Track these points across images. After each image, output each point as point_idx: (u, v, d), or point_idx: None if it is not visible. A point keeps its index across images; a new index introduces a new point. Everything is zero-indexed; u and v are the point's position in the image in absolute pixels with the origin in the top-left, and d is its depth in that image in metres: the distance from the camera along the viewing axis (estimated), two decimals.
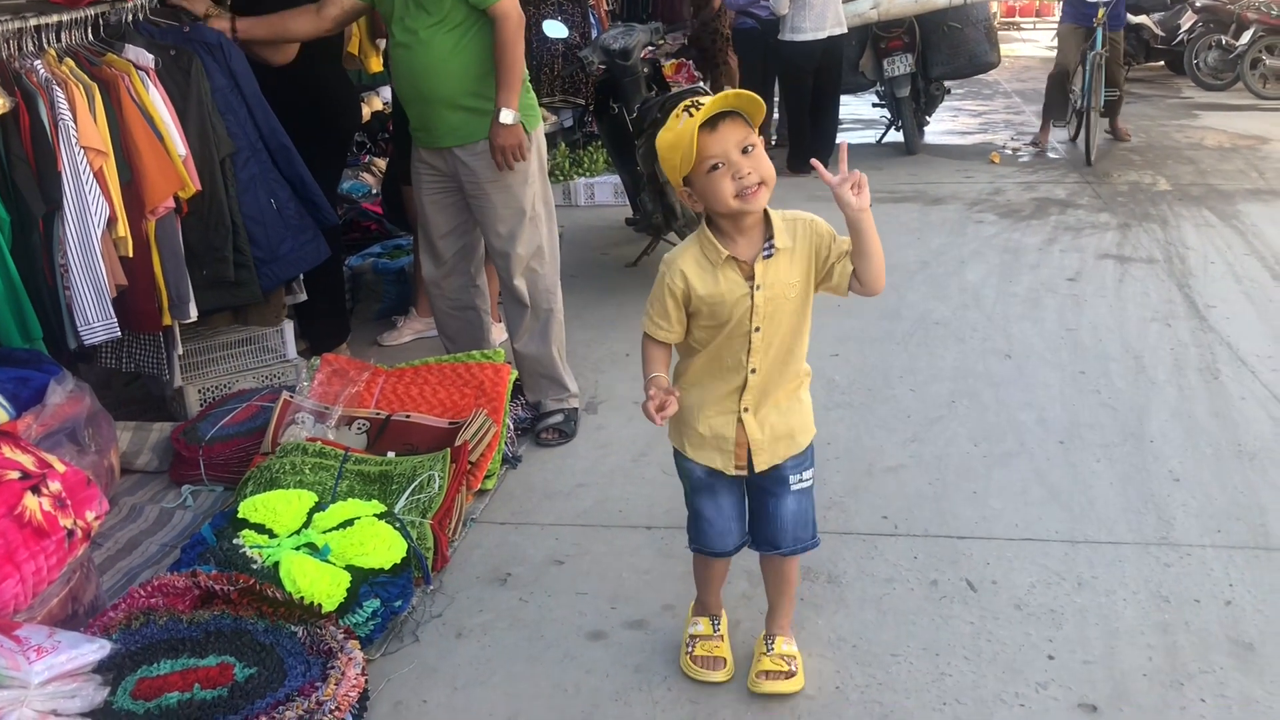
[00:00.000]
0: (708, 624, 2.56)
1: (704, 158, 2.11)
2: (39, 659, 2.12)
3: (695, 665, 2.49)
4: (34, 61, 3.28)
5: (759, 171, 2.12)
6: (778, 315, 2.23)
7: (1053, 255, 5.82)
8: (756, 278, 2.19)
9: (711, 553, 2.45)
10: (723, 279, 2.21)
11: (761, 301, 2.20)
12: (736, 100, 2.13)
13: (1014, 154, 8.69)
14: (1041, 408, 3.90)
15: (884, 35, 8.51)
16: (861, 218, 2.12)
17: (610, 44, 5.50)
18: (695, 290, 2.22)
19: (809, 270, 2.23)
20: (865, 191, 2.12)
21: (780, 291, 2.21)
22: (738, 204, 2.13)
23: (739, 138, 2.11)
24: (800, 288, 2.23)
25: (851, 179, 2.12)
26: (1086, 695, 2.41)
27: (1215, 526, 3.07)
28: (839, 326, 4.79)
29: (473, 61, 3.53)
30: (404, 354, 4.68)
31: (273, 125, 3.94)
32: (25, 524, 2.36)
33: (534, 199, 3.73)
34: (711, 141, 2.10)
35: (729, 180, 2.11)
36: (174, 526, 3.32)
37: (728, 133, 2.11)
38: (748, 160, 2.11)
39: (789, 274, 2.21)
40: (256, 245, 3.83)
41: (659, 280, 2.28)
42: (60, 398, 2.99)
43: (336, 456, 3.26)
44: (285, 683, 2.31)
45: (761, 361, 2.25)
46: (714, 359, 2.29)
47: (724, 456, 2.33)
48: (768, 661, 2.46)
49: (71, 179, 3.23)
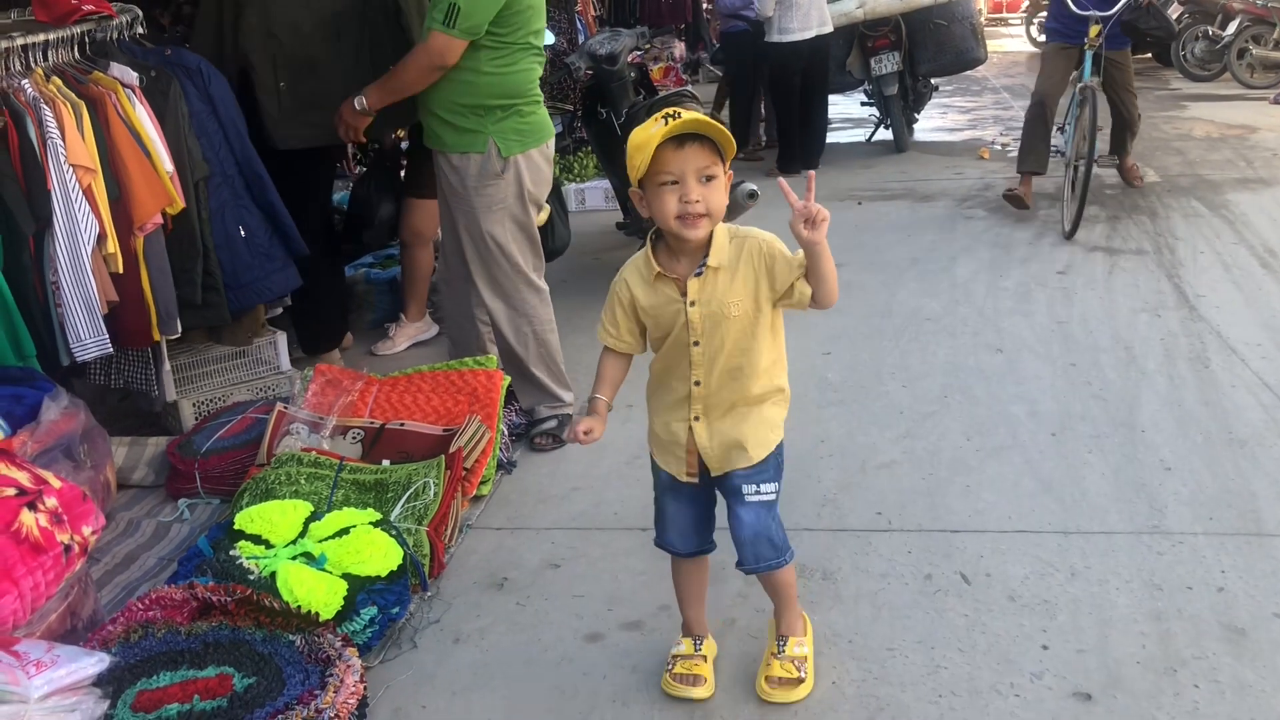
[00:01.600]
0: (690, 644, 2.53)
1: (662, 170, 2.12)
2: (39, 673, 2.13)
3: (674, 682, 2.47)
4: (21, 80, 3.29)
5: (708, 203, 2.13)
6: (717, 332, 2.23)
7: (1043, 249, 5.84)
8: (689, 294, 2.21)
9: (671, 550, 2.47)
10: (658, 293, 2.25)
11: (696, 318, 2.22)
12: (713, 129, 2.12)
13: (1003, 149, 8.71)
14: (1033, 400, 3.92)
15: (870, 34, 8.53)
16: (815, 249, 2.13)
17: (597, 49, 5.53)
18: (639, 300, 2.28)
19: (756, 289, 2.22)
20: (821, 229, 2.10)
21: (718, 309, 2.21)
22: (676, 225, 2.14)
23: (701, 164, 2.12)
24: (746, 306, 2.22)
25: (807, 213, 2.10)
26: (1081, 684, 2.42)
27: (1207, 514, 3.09)
28: (830, 324, 4.81)
29: (457, 80, 3.56)
30: (397, 362, 4.70)
31: (248, 153, 3.97)
32: (22, 540, 2.37)
33: (497, 229, 3.67)
34: (674, 158, 2.10)
35: (676, 200, 2.12)
36: (171, 540, 3.33)
37: (692, 155, 2.11)
38: (701, 188, 2.12)
39: (728, 292, 2.20)
40: (221, 271, 3.87)
41: (611, 288, 2.33)
42: (55, 414, 3.01)
43: (332, 466, 3.27)
44: (284, 692, 2.32)
45: (705, 375, 2.26)
46: (666, 367, 2.32)
47: (677, 461, 2.35)
48: (777, 666, 2.45)
49: (61, 197, 3.25)
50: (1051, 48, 6.62)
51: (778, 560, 2.38)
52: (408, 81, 3.62)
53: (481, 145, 3.59)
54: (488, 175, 3.61)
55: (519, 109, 3.64)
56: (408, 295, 5.00)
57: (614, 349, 2.36)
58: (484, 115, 3.59)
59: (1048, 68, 6.53)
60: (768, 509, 2.35)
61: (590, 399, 2.36)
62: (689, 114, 2.12)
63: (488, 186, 3.62)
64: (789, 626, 2.50)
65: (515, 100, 3.62)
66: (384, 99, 3.70)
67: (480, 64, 3.54)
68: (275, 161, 4.10)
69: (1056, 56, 6.48)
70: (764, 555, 2.36)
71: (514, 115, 3.63)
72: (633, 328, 2.33)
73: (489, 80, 3.56)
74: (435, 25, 3.45)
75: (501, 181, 3.63)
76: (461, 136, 3.61)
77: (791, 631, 2.49)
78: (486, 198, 3.64)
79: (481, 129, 3.59)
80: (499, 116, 3.60)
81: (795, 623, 2.51)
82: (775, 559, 2.37)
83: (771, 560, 2.37)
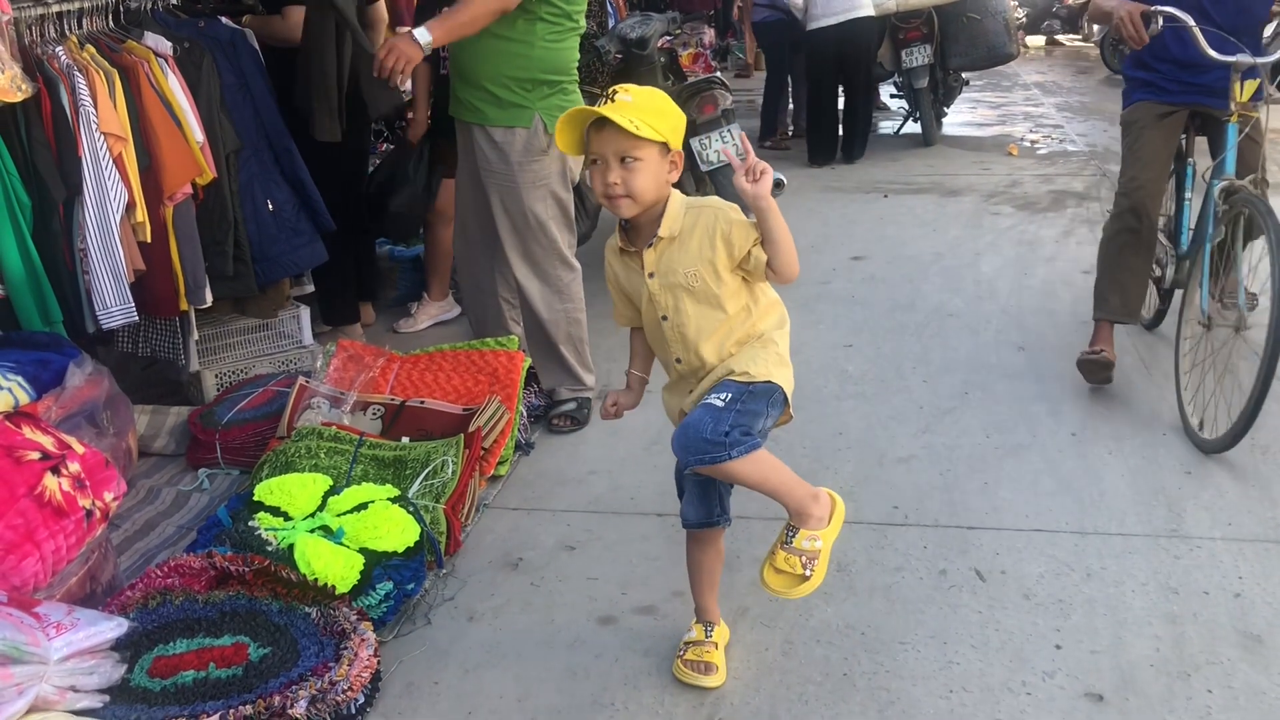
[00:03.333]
0: (701, 630, 2.53)
1: (591, 149, 2.21)
2: (58, 635, 2.16)
3: (685, 669, 2.47)
4: (55, 48, 3.31)
5: (626, 185, 2.18)
6: (682, 306, 2.25)
7: (1069, 248, 5.80)
8: (647, 266, 2.27)
9: (684, 522, 2.46)
10: (628, 268, 2.35)
11: (656, 289, 2.27)
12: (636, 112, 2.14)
13: (1032, 146, 8.65)
14: (1054, 400, 3.90)
15: (902, 26, 8.48)
16: (760, 204, 2.13)
17: (627, 33, 5.52)
18: (618, 277, 2.39)
19: (713, 257, 2.22)
20: (765, 180, 2.13)
21: (675, 280, 2.24)
22: (607, 204, 2.23)
23: (617, 148, 2.17)
24: (704, 276, 2.22)
25: (748, 165, 2.15)
26: (1093, 685, 2.42)
27: (1226, 519, 3.07)
28: (853, 317, 4.80)
29: (510, 52, 3.53)
30: (419, 340, 4.72)
31: (278, 127, 3.98)
32: (45, 504, 2.40)
33: (539, 206, 3.67)
34: (594, 139, 2.20)
35: (600, 181, 2.21)
36: (190, 509, 3.36)
37: (610, 139, 2.17)
38: (621, 170, 2.17)
39: (684, 262, 2.23)
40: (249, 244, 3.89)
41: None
42: (79, 380, 3.03)
43: (351, 441, 3.29)
44: (299, 663, 2.35)
45: (682, 352, 2.30)
46: (656, 348, 2.41)
47: None
48: (780, 557, 2.25)
49: (91, 164, 3.27)
50: (1142, 109, 3.91)
51: (716, 455, 2.12)
52: (472, 18, 3.45)
53: (527, 120, 3.58)
54: (533, 151, 3.61)
55: (564, 86, 3.64)
56: (430, 274, 5.02)
57: (623, 325, 2.48)
58: (531, 90, 3.57)
59: (1139, 147, 3.92)
60: (704, 409, 2.18)
61: (626, 374, 2.51)
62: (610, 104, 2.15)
63: (533, 162, 3.62)
64: (797, 515, 2.26)
65: (561, 77, 3.62)
66: (446, 36, 3.50)
67: (535, 37, 3.52)
68: (305, 136, 4.11)
69: (1152, 129, 3.89)
70: (694, 447, 2.14)
71: (559, 92, 3.62)
72: (628, 304, 2.42)
73: (541, 54, 3.55)
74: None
75: (546, 158, 3.63)
76: (506, 111, 3.59)
77: (801, 521, 2.25)
78: (531, 173, 3.63)
79: (528, 104, 3.57)
80: (546, 93, 3.59)
81: (803, 511, 2.24)
82: (712, 452, 2.12)
83: (707, 454, 2.12)
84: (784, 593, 2.28)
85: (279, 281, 4.17)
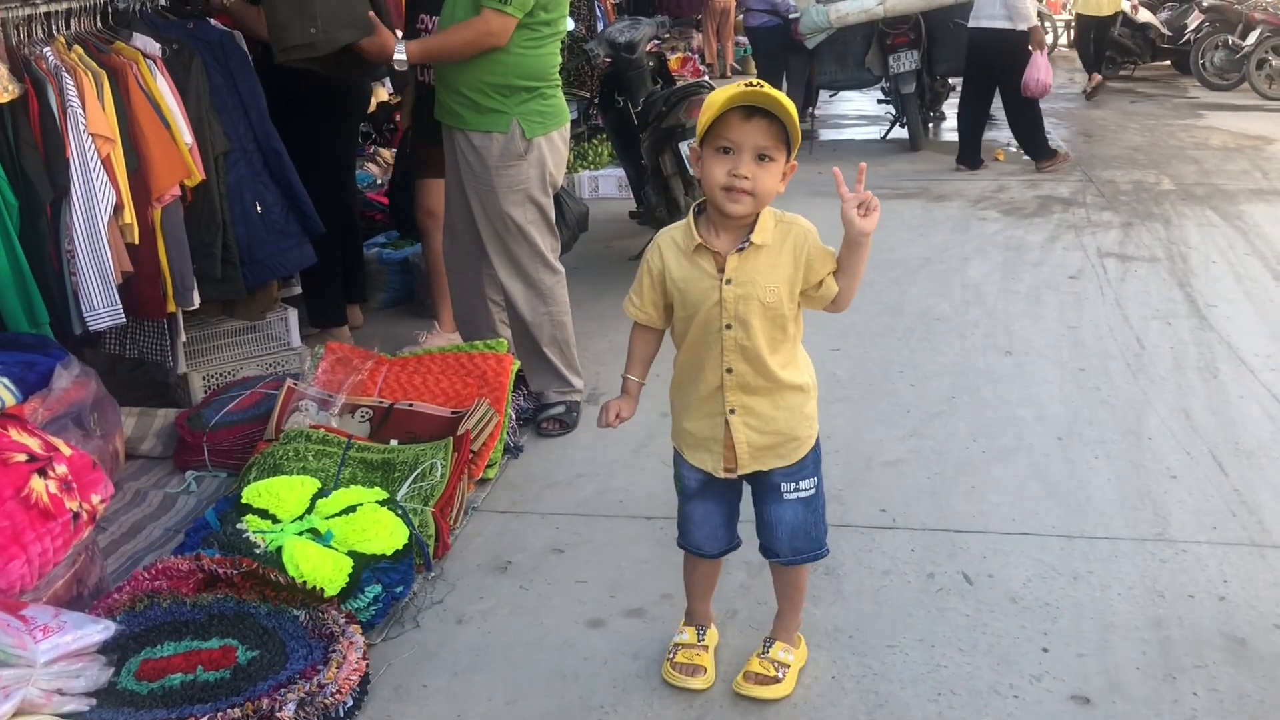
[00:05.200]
0: (693, 634, 2.53)
1: (721, 135, 2.08)
2: (45, 638, 2.15)
3: (674, 671, 2.46)
4: (43, 48, 3.30)
5: (755, 182, 2.08)
6: (750, 318, 2.17)
7: (1055, 253, 5.83)
8: (727, 271, 2.16)
9: (698, 553, 2.44)
10: (694, 265, 2.19)
11: (730, 297, 2.16)
12: (786, 112, 2.06)
13: (1017, 151, 8.68)
14: (1041, 404, 3.92)
15: (890, 31, 8.53)
16: (862, 240, 2.13)
17: (616, 37, 5.53)
18: (670, 271, 2.22)
19: (794, 277, 2.18)
20: (874, 216, 2.11)
21: (754, 292, 2.16)
22: (720, 196, 2.10)
23: (762, 142, 2.07)
24: (780, 293, 2.17)
25: (862, 199, 2.11)
26: (1080, 688, 2.43)
27: (1211, 524, 3.09)
28: (840, 321, 4.79)
29: (488, 58, 3.54)
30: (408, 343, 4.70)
31: (267, 129, 3.96)
32: (32, 506, 2.39)
33: (516, 210, 3.67)
34: (737, 127, 2.06)
35: (724, 171, 2.09)
36: (178, 511, 3.34)
37: (755, 130, 2.06)
38: (754, 165, 2.08)
39: (768, 276, 2.16)
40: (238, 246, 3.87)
41: (643, 256, 2.31)
42: (66, 382, 3.02)
43: (340, 444, 3.28)
44: (287, 666, 2.34)
45: (737, 363, 2.21)
46: (694, 355, 2.27)
47: (713, 457, 2.31)
48: (756, 664, 2.44)
49: (79, 166, 3.25)
50: None
51: (815, 552, 2.37)
52: (453, 51, 3.54)
53: (504, 125, 3.59)
54: (510, 156, 3.62)
55: (542, 91, 3.65)
56: (438, 297, 4.71)
57: (639, 321, 2.32)
58: (509, 95, 3.58)
59: None
60: (810, 504, 2.33)
61: (622, 378, 2.38)
62: (771, 90, 2.07)
63: (510, 167, 3.63)
64: (782, 632, 2.48)
65: (539, 83, 3.63)
66: (423, 58, 3.63)
67: (513, 44, 3.53)
68: (294, 139, 4.10)
69: None
70: (800, 548, 2.35)
71: (537, 97, 3.63)
72: (658, 301, 2.27)
73: (519, 60, 3.56)
74: (492, 4, 3.44)
75: (524, 163, 3.63)
76: (484, 115, 3.60)
77: (782, 636, 2.47)
78: (508, 178, 3.64)
79: (506, 109, 3.59)
80: (524, 98, 3.60)
81: (791, 632, 2.49)
82: (813, 551, 2.37)
83: (806, 553, 2.36)
84: (758, 694, 2.41)
85: (267, 284, 4.16)
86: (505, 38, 3.49)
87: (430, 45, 3.65)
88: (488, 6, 3.45)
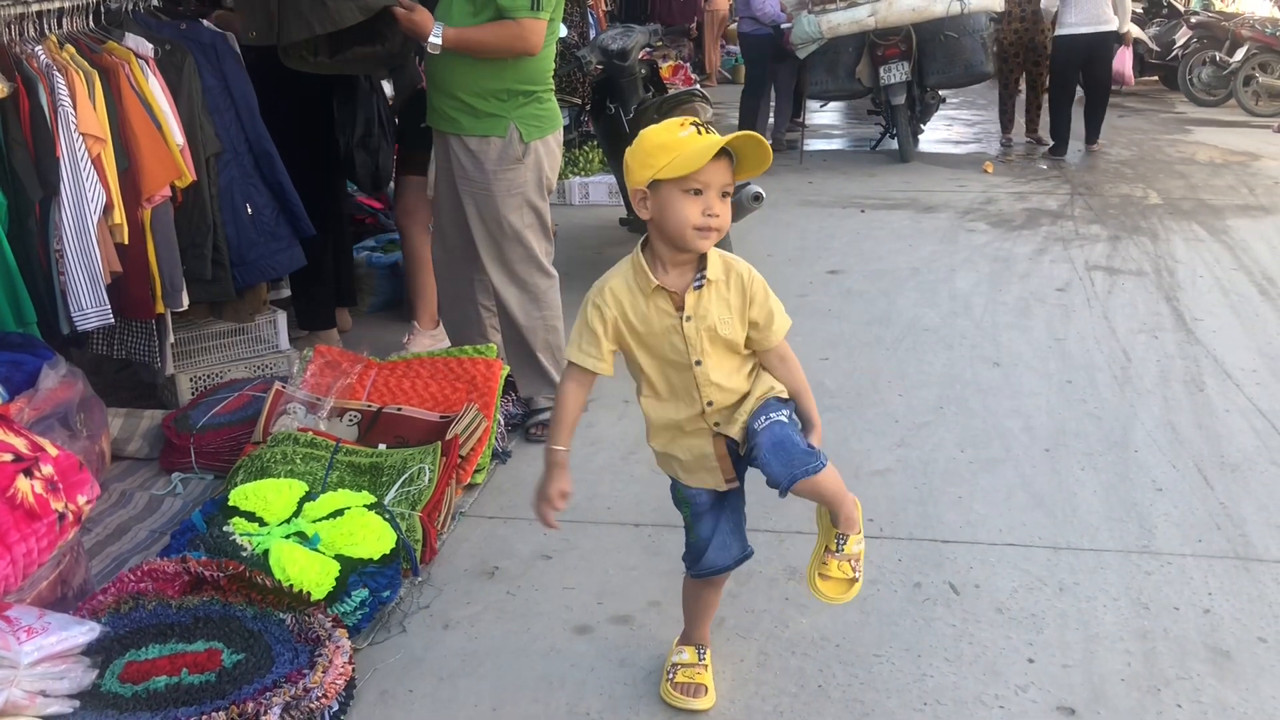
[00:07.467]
0: (693, 653, 2.49)
1: (694, 177, 2.05)
2: (29, 639, 2.14)
3: (675, 692, 2.43)
4: (35, 47, 3.29)
5: (723, 219, 2.10)
6: (714, 351, 2.17)
7: (1043, 265, 5.86)
8: (686, 308, 2.14)
9: (712, 571, 2.37)
10: (652, 308, 2.16)
11: (692, 333, 2.14)
12: (752, 146, 2.08)
13: (1007, 164, 8.73)
14: (1028, 415, 3.94)
15: (881, 43, 8.56)
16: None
17: (609, 44, 5.53)
18: (626, 316, 2.18)
19: (742, 309, 2.18)
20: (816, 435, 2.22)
21: (712, 325, 2.15)
22: (691, 235, 2.08)
23: (728, 180, 2.10)
24: (733, 326, 2.17)
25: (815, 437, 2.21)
26: (1065, 699, 2.44)
27: (1196, 536, 3.10)
28: (829, 330, 4.82)
29: (486, 63, 3.55)
30: (396, 347, 4.69)
31: (258, 131, 3.95)
32: (17, 506, 2.37)
33: (514, 215, 3.67)
34: (710, 168, 2.05)
35: (699, 211, 2.07)
36: (163, 513, 3.33)
37: (723, 169, 2.08)
38: (720, 204, 2.10)
39: (720, 309, 2.16)
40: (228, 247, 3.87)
41: (585, 305, 2.21)
42: (53, 382, 3.01)
43: (327, 447, 3.27)
44: (273, 669, 2.33)
45: (715, 394, 2.19)
46: (670, 392, 2.24)
47: (713, 475, 2.29)
48: (834, 565, 2.25)
49: (69, 165, 3.24)
50: None
51: (814, 464, 2.12)
52: (486, 48, 3.53)
53: (502, 130, 3.59)
54: (508, 160, 3.62)
55: (539, 95, 3.66)
56: (416, 297, 4.75)
57: (592, 370, 2.21)
58: (506, 100, 3.59)
59: None
60: (781, 426, 2.16)
61: (551, 452, 2.22)
62: (743, 132, 2.10)
63: (508, 171, 3.63)
64: (847, 522, 2.25)
65: (537, 87, 3.64)
66: (457, 45, 3.54)
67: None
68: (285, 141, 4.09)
69: None
70: (797, 460, 2.12)
71: (534, 101, 3.64)
72: (611, 348, 2.21)
73: (517, 65, 3.57)
74: (524, 12, 3.44)
75: (521, 166, 3.64)
76: (481, 120, 3.61)
77: (850, 528, 2.25)
78: (505, 182, 3.64)
79: (504, 114, 3.59)
80: (521, 102, 3.61)
81: (852, 517, 2.25)
82: (811, 463, 2.12)
83: (808, 465, 2.12)
84: (839, 598, 2.27)
85: (256, 286, 4.16)
86: (539, 44, 3.52)
87: (467, 35, 3.53)
88: (522, 15, 3.45)
